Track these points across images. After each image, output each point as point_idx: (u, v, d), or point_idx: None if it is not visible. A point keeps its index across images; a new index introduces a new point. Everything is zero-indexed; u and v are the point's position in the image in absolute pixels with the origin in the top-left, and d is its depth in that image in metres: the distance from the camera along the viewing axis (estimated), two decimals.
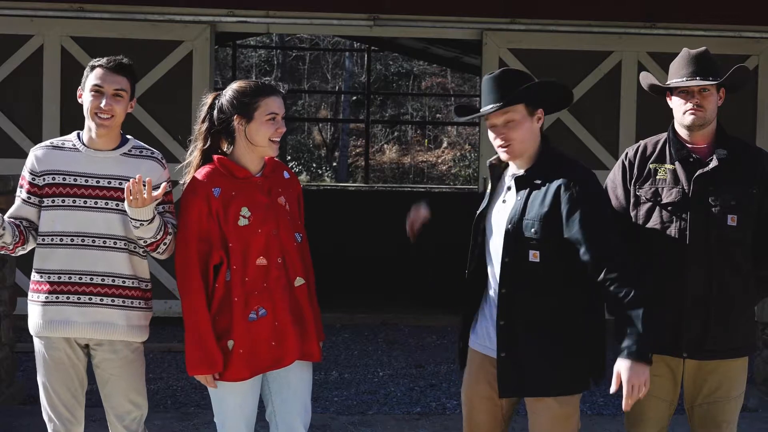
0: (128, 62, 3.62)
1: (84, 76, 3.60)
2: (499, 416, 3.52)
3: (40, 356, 3.63)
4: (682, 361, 3.55)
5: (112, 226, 3.56)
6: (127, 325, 3.60)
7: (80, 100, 3.61)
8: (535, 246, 3.28)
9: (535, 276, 3.30)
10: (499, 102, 3.30)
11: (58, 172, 3.57)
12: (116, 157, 3.61)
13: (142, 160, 3.64)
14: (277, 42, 22.65)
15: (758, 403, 5.90)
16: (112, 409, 3.67)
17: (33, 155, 3.62)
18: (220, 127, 3.54)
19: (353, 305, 9.10)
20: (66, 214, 3.55)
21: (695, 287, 3.49)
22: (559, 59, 8.21)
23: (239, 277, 3.47)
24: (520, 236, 3.30)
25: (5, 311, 5.73)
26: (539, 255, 3.28)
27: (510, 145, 3.34)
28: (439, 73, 25.45)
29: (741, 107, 8.06)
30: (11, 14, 8.11)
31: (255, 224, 3.48)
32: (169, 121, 8.10)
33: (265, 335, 3.49)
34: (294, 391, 3.60)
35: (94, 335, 3.59)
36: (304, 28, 10.80)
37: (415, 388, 6.56)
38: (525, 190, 3.35)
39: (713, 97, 3.54)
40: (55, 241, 3.56)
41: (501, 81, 3.33)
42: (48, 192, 3.57)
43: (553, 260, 3.28)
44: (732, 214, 3.49)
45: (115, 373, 3.63)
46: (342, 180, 22.15)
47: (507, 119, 3.32)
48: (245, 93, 3.51)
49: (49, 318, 3.56)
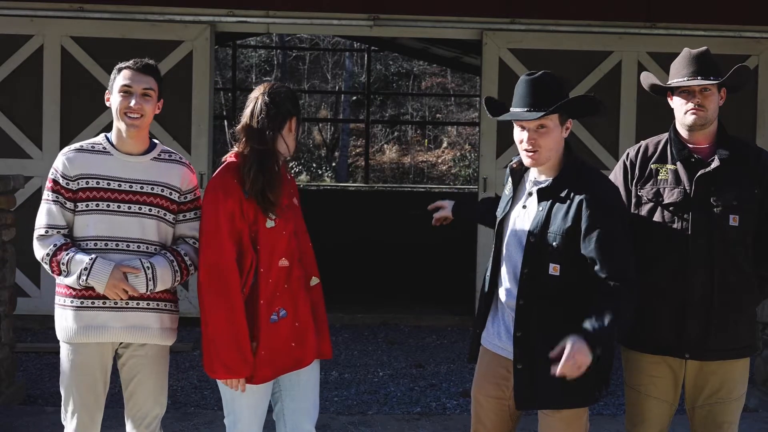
0: (154, 63, 3.67)
1: (111, 80, 3.61)
2: (506, 416, 3.52)
3: (68, 362, 3.59)
4: (683, 362, 3.55)
5: (146, 231, 3.57)
6: (161, 328, 3.61)
7: (108, 103, 3.62)
8: (556, 259, 3.27)
9: (553, 288, 3.29)
10: (536, 106, 3.25)
11: (93, 176, 3.55)
12: (147, 162, 3.62)
13: (173, 165, 3.66)
14: (277, 42, 22.64)
15: (758, 403, 5.90)
16: (136, 406, 3.66)
17: (64, 158, 3.58)
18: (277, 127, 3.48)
19: (353, 305, 9.10)
20: (100, 218, 3.54)
21: (697, 287, 3.48)
22: (559, 59, 8.21)
23: (265, 279, 3.46)
24: (542, 249, 3.29)
25: (5, 311, 5.73)
26: (559, 269, 3.27)
27: (537, 152, 3.30)
28: (439, 73, 25.43)
29: (741, 107, 8.06)
30: (11, 14, 8.10)
31: (280, 226, 3.48)
32: (170, 121, 8.09)
33: (285, 336, 3.49)
34: (304, 389, 3.62)
35: (128, 339, 3.59)
36: (304, 28, 10.79)
37: (415, 388, 6.56)
38: (548, 201, 3.32)
39: (714, 97, 3.53)
40: (89, 245, 3.53)
41: (540, 85, 3.29)
42: (82, 196, 3.54)
43: (572, 274, 3.27)
44: (734, 214, 3.49)
45: (142, 371, 3.63)
46: (342, 180, 22.15)
47: (540, 124, 3.28)
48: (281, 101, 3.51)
49: (85, 323, 3.54)
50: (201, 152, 8.12)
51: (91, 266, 3.44)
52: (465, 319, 8.51)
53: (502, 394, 3.45)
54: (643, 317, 3.57)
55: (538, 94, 3.27)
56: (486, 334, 3.55)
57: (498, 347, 3.46)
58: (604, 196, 3.28)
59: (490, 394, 3.51)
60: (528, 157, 3.33)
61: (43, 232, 3.55)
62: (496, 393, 3.48)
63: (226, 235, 3.40)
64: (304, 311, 3.53)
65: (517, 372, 3.34)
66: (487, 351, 3.53)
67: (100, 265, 3.45)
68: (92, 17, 8.14)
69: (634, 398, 3.67)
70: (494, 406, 3.51)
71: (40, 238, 3.56)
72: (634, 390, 3.66)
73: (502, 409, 3.50)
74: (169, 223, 3.63)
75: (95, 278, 3.44)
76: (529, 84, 3.30)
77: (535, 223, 3.31)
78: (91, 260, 3.45)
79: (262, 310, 3.44)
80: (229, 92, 19.65)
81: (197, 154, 8.12)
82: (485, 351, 3.55)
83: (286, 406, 3.62)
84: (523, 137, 3.31)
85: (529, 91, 3.28)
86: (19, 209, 6.11)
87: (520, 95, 3.31)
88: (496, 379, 3.46)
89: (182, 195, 3.66)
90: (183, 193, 3.66)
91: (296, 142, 3.55)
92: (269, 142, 3.45)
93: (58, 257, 3.49)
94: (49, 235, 3.54)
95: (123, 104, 3.55)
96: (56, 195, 3.55)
